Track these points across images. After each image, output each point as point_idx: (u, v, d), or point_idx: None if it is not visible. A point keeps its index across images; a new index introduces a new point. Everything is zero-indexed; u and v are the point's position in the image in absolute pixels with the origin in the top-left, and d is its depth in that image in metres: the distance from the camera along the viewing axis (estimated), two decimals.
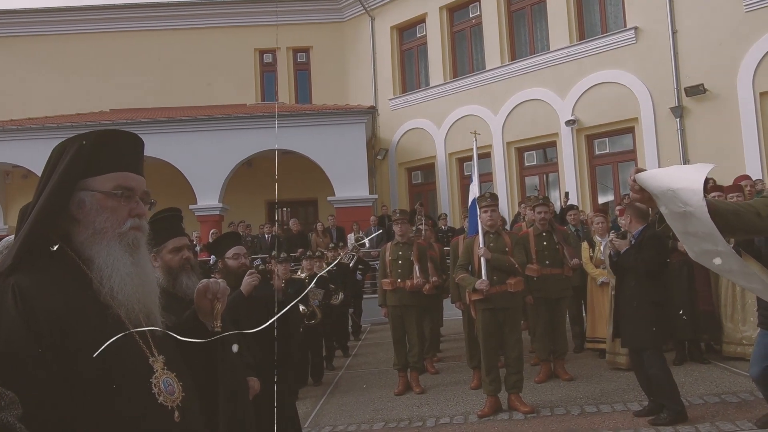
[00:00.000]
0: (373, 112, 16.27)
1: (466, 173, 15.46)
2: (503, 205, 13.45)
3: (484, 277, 5.26)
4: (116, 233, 1.38)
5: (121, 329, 1.33)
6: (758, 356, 4.15)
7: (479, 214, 5.52)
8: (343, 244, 11.61)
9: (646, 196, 1.66)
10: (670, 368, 4.81)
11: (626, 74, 12.85)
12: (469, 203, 6.49)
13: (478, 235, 5.53)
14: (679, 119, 12.13)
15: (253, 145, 14.79)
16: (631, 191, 1.71)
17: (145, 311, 1.40)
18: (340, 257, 9.72)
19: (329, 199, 14.92)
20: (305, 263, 8.04)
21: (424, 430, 5.14)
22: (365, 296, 11.19)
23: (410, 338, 6.46)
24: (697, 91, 11.75)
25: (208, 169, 14.60)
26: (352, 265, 10.29)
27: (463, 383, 6.50)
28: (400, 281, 6.37)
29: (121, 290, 1.34)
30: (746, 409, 4.75)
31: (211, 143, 14.64)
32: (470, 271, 5.54)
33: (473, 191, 6.24)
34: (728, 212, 1.60)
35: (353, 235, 12.90)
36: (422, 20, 16.64)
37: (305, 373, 7.16)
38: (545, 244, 6.46)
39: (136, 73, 17.47)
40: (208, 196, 14.73)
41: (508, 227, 10.24)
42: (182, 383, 1.41)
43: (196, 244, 12.23)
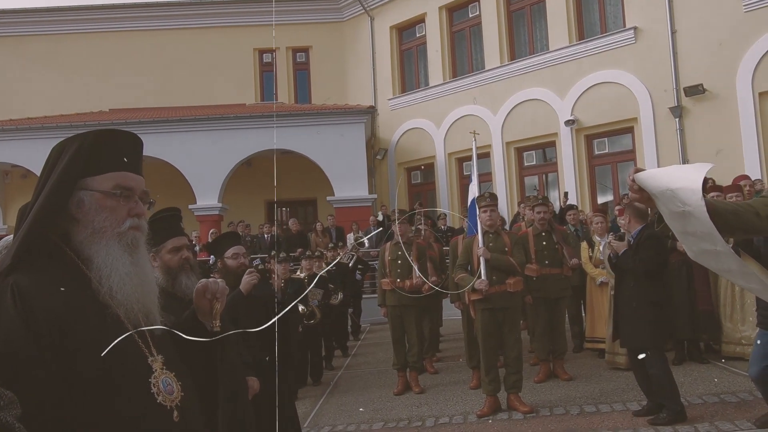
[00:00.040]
0: (372, 112, 16.27)
1: (465, 173, 15.46)
2: (502, 205, 13.46)
3: (483, 276, 5.27)
4: (115, 233, 1.38)
5: (120, 329, 1.33)
6: (757, 356, 4.15)
7: (478, 214, 5.52)
8: (342, 243, 11.61)
9: (645, 195, 1.66)
10: (670, 368, 4.81)
11: (625, 74, 12.86)
12: (468, 203, 6.49)
13: (477, 234, 5.53)
14: (678, 119, 12.14)
15: (252, 144, 14.79)
16: (630, 191, 1.71)
17: (144, 311, 1.40)
18: (340, 257, 9.72)
19: (328, 198, 14.93)
20: (304, 263, 8.04)
21: (423, 429, 5.14)
22: (364, 296, 11.19)
23: (409, 338, 6.46)
24: (696, 91, 11.76)
25: (207, 168, 14.60)
26: (351, 264, 10.30)
27: (462, 383, 6.50)
28: (399, 281, 6.37)
29: (120, 290, 1.34)
30: (745, 408, 4.75)
31: (210, 143, 14.64)
32: (469, 270, 5.54)
33: (472, 191, 6.24)
34: (727, 212, 1.60)
35: (352, 235, 12.90)
36: (422, 20, 16.65)
37: (305, 372, 7.16)
38: (544, 244, 6.46)
39: (135, 72, 17.47)
40: (207, 195, 14.73)
41: (507, 227, 10.25)
42: (181, 383, 1.41)
43: (195, 243, 12.22)
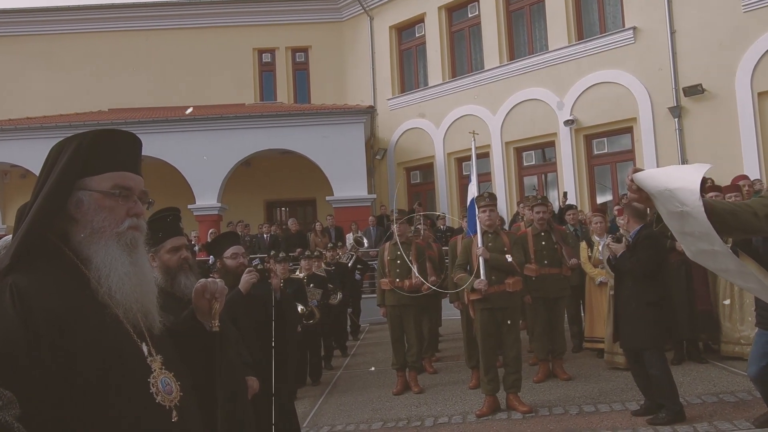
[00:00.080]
0: (371, 111, 16.27)
1: (464, 173, 15.46)
2: (502, 204, 13.48)
3: (482, 276, 5.27)
4: (114, 233, 1.38)
5: (119, 329, 1.34)
6: (756, 356, 4.16)
7: (477, 213, 5.52)
8: (341, 243, 11.61)
9: (643, 195, 1.66)
10: (670, 368, 4.82)
11: (625, 74, 12.86)
12: (467, 203, 6.49)
13: (476, 234, 5.53)
14: (677, 119, 12.14)
15: (251, 144, 14.79)
16: (628, 191, 1.71)
17: (143, 311, 1.40)
18: (347, 254, 9.73)
19: (328, 198, 14.92)
20: (304, 263, 8.04)
21: (422, 429, 5.14)
22: (364, 296, 11.20)
23: (409, 338, 6.46)
24: (695, 91, 11.77)
25: (206, 168, 14.58)
26: (350, 264, 10.30)
27: (461, 383, 6.50)
28: (398, 281, 6.37)
29: (119, 290, 1.34)
30: (744, 408, 4.76)
31: (209, 143, 14.63)
32: (468, 270, 5.54)
33: (472, 191, 6.24)
34: (725, 212, 1.60)
35: (352, 234, 12.90)
36: (421, 20, 16.64)
37: (304, 372, 7.16)
38: (544, 243, 6.46)
39: (134, 72, 17.46)
40: (206, 195, 14.72)
41: (506, 227, 10.26)
42: (180, 383, 1.41)
43: (194, 243, 12.22)
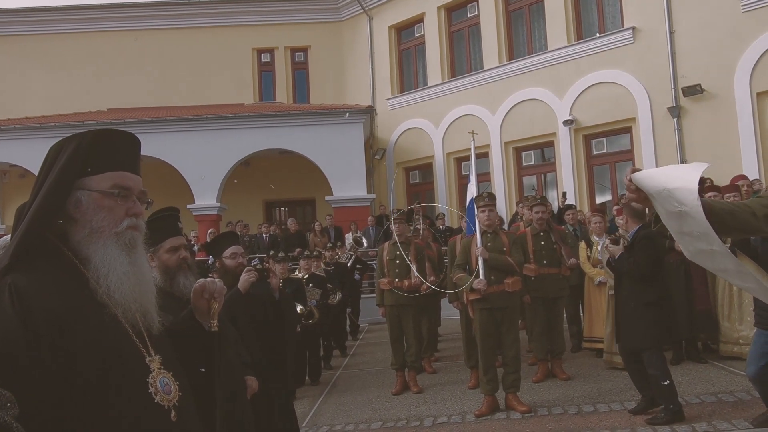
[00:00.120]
0: (371, 111, 16.26)
1: (464, 173, 15.46)
2: (501, 204, 13.48)
3: (481, 276, 5.27)
4: (113, 232, 1.39)
5: (118, 329, 1.34)
6: (755, 355, 4.17)
7: (477, 213, 5.52)
8: (341, 243, 11.60)
9: (642, 195, 1.66)
10: (669, 368, 4.82)
11: (624, 74, 12.86)
12: (467, 203, 6.50)
13: (475, 234, 5.53)
14: (676, 119, 12.15)
15: (250, 144, 14.79)
16: (627, 191, 1.71)
17: (141, 310, 1.40)
18: (346, 254, 9.72)
19: (327, 198, 14.92)
20: (303, 263, 8.04)
21: (421, 429, 5.14)
22: (363, 296, 11.19)
23: (408, 338, 6.46)
24: (694, 91, 11.77)
25: (205, 168, 14.58)
26: (350, 264, 10.30)
27: (460, 383, 6.50)
28: (397, 281, 6.37)
29: (117, 289, 1.34)
30: (743, 408, 4.76)
31: (208, 143, 14.62)
32: (468, 270, 5.55)
33: (471, 191, 6.25)
34: (723, 212, 1.61)
35: (351, 234, 12.90)
36: (420, 20, 16.64)
37: (303, 372, 7.16)
38: (543, 243, 6.46)
39: (133, 72, 17.45)
40: (205, 195, 14.71)
41: (505, 227, 10.26)
42: (179, 383, 1.41)
43: (193, 243, 12.22)
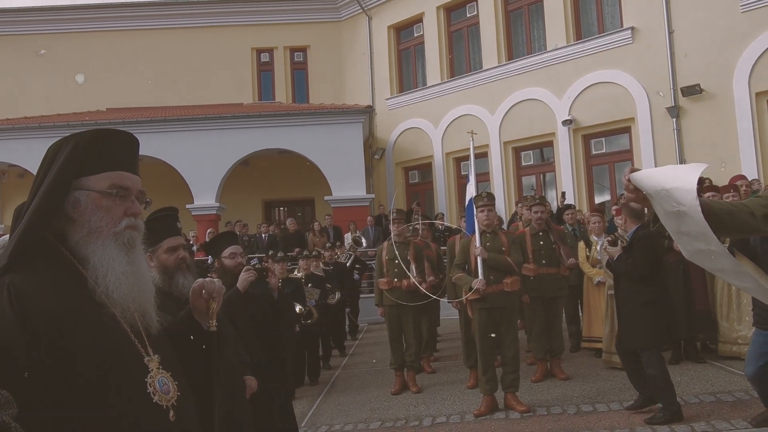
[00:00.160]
0: (370, 111, 16.26)
1: (463, 173, 15.47)
2: (500, 204, 13.48)
3: (480, 276, 5.27)
4: (111, 232, 1.38)
5: (116, 329, 1.34)
6: (753, 355, 4.17)
7: (476, 213, 5.52)
8: (340, 243, 11.61)
9: (640, 195, 1.67)
10: (667, 368, 4.82)
11: (623, 74, 12.87)
12: (466, 203, 6.50)
13: (474, 234, 5.53)
14: (675, 119, 12.16)
15: (249, 144, 14.78)
16: (625, 191, 1.72)
17: (140, 310, 1.40)
18: (345, 254, 9.71)
19: (326, 198, 14.92)
20: (302, 263, 8.05)
21: (420, 429, 5.15)
22: (362, 296, 11.19)
23: (407, 338, 6.46)
24: (693, 91, 11.78)
25: (204, 168, 14.58)
26: (349, 264, 10.30)
27: (459, 382, 6.51)
28: (396, 281, 6.37)
29: (116, 289, 1.34)
30: (741, 408, 4.77)
31: (207, 142, 14.62)
32: (467, 270, 5.55)
33: (470, 191, 6.25)
34: (722, 212, 1.61)
35: (350, 234, 12.90)
36: (419, 20, 16.65)
37: (302, 372, 7.16)
38: (542, 243, 6.47)
39: (132, 72, 17.44)
40: (204, 195, 14.71)
41: (505, 227, 10.26)
42: (177, 383, 1.41)
43: (192, 243, 12.22)
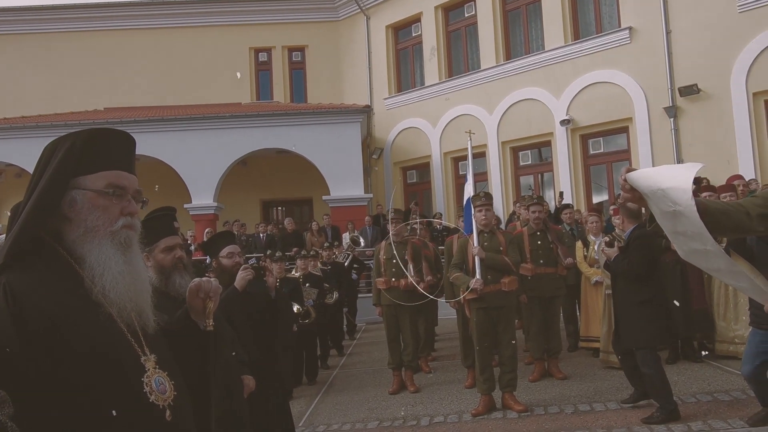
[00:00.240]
0: (368, 111, 16.27)
1: (461, 173, 15.47)
2: (498, 204, 13.49)
3: (478, 276, 5.28)
4: (108, 232, 1.38)
5: (113, 328, 1.34)
6: (750, 355, 4.18)
7: (474, 213, 5.53)
8: (338, 243, 11.61)
9: (636, 195, 1.67)
10: (663, 367, 4.84)
11: (620, 74, 12.89)
12: (464, 203, 6.50)
13: (472, 234, 5.54)
14: (673, 119, 12.18)
15: (247, 144, 14.77)
16: (622, 190, 1.72)
17: (137, 310, 1.40)
18: (343, 254, 9.70)
19: (324, 198, 14.91)
20: (300, 262, 8.05)
21: (418, 429, 5.15)
22: (360, 295, 11.20)
23: (404, 337, 6.47)
24: (690, 91, 11.81)
25: (202, 168, 14.56)
26: (347, 264, 10.30)
27: (457, 382, 6.51)
28: (394, 280, 6.38)
29: (112, 289, 1.34)
30: (738, 407, 4.78)
31: (205, 142, 14.61)
32: (464, 270, 5.55)
33: (468, 190, 6.26)
34: (718, 211, 1.61)
35: (348, 234, 12.90)
36: (417, 19, 16.65)
37: (300, 372, 7.16)
38: (539, 243, 6.47)
39: (130, 71, 17.41)
40: (202, 195, 14.70)
41: (503, 226, 10.27)
42: (174, 382, 1.41)
43: (190, 243, 12.21)
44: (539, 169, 14.78)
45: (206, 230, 12.86)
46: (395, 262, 6.38)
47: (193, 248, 11.63)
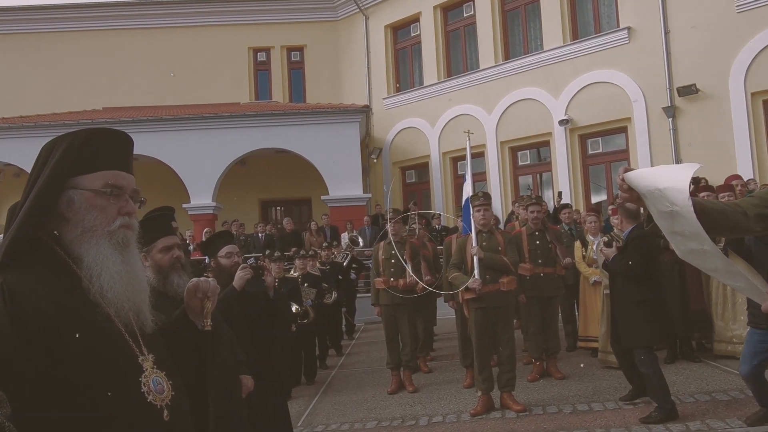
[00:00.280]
0: (367, 111, 16.27)
1: (459, 172, 15.48)
2: (497, 204, 13.51)
3: (476, 276, 5.28)
4: (105, 231, 1.38)
5: (110, 328, 1.33)
6: (748, 354, 4.19)
7: (472, 213, 5.53)
8: (336, 243, 11.60)
9: (634, 195, 1.67)
10: (660, 367, 4.84)
11: (619, 74, 12.90)
12: (462, 202, 6.50)
13: (471, 234, 5.54)
14: (671, 119, 12.19)
15: (246, 143, 14.77)
16: (619, 190, 1.72)
17: (134, 310, 1.40)
18: (342, 254, 9.70)
19: (323, 198, 14.91)
20: (298, 262, 8.04)
21: (416, 428, 5.15)
22: (359, 295, 11.20)
23: (403, 337, 6.47)
24: (689, 91, 11.82)
25: (201, 167, 14.56)
26: (346, 264, 10.30)
27: (455, 382, 6.51)
28: (393, 280, 6.38)
29: (110, 289, 1.34)
30: (736, 407, 4.78)
31: (204, 142, 14.60)
32: (463, 270, 5.55)
33: (467, 190, 6.25)
34: (715, 212, 1.61)
35: (347, 234, 12.90)
36: (416, 19, 16.65)
37: (298, 372, 7.16)
38: (538, 243, 6.48)
39: (129, 71, 17.41)
40: (201, 195, 14.69)
41: (501, 226, 10.27)
42: (172, 382, 1.41)
43: (189, 243, 12.20)
44: (538, 168, 14.79)
45: (205, 230, 12.86)
46: (394, 262, 6.38)
47: (191, 248, 11.62)
